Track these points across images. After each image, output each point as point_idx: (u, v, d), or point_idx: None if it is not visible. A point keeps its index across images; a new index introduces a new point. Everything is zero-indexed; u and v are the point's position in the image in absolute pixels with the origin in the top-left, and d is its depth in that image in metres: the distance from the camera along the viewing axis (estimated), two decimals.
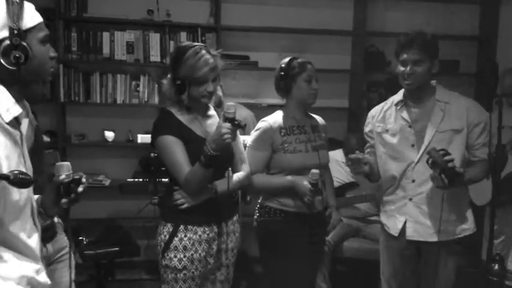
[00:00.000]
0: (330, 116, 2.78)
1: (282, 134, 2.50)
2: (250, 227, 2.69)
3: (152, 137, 2.20)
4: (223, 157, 2.10)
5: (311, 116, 2.67)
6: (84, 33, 4.12)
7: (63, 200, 1.47)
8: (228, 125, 1.99)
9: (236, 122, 2.00)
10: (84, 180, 1.50)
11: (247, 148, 2.53)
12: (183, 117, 2.20)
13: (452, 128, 2.37)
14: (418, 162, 2.40)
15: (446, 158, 2.17)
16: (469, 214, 2.49)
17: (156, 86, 4.22)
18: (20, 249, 1.30)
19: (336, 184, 3.23)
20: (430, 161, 2.23)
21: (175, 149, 2.12)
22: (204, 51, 2.14)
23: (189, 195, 2.16)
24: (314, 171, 2.34)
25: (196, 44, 2.19)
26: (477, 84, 4.79)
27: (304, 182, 2.37)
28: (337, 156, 3.86)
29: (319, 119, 2.71)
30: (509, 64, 3.48)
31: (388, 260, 2.59)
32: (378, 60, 4.59)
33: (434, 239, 2.39)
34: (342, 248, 3.67)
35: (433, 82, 2.47)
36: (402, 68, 2.38)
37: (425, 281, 2.51)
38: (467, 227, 2.46)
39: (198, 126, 2.21)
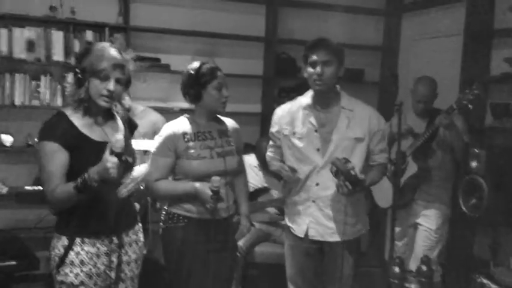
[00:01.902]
0: (243, 121, 2.77)
1: (186, 140, 2.45)
2: (160, 234, 2.61)
3: (38, 139, 2.01)
4: (106, 187, 1.98)
5: (220, 120, 2.61)
6: None
7: None
8: (114, 159, 1.87)
9: (123, 159, 1.89)
10: None
11: (151, 154, 2.49)
12: (78, 120, 2.03)
13: (356, 136, 2.48)
14: (322, 166, 2.48)
15: (349, 166, 2.28)
16: (364, 216, 2.65)
17: (59, 86, 4.00)
18: None
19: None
20: (333, 170, 2.32)
21: (54, 158, 1.95)
22: (113, 48, 2.03)
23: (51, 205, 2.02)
24: (215, 178, 2.30)
25: (106, 43, 2.09)
26: (380, 92, 5.06)
27: (206, 189, 2.33)
28: (249, 160, 3.87)
29: (229, 122, 2.65)
30: (410, 73, 3.70)
31: (293, 259, 2.67)
32: (289, 67, 4.70)
33: (334, 239, 2.51)
34: (253, 252, 3.68)
35: (338, 87, 2.56)
36: (311, 70, 2.44)
37: (327, 278, 2.61)
38: (362, 227, 2.62)
39: (96, 130, 2.07)
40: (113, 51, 2.02)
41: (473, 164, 3.02)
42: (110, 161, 1.86)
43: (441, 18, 4.35)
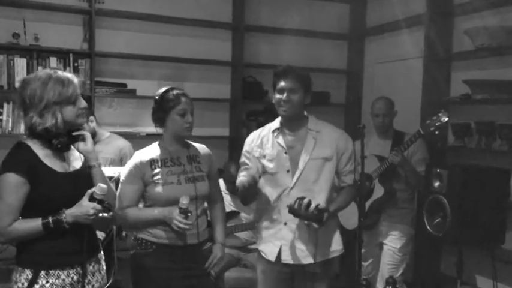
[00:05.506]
0: (211, 145, 2.76)
1: (153, 167, 2.45)
2: (127, 262, 2.56)
3: (0, 171, 1.95)
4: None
5: (190, 146, 2.61)
6: None
7: None
8: (97, 206, 1.94)
9: (106, 204, 1.96)
10: None
11: (120, 182, 2.48)
12: (40, 151, 2.00)
13: (323, 156, 2.52)
14: (292, 187, 2.49)
15: (304, 204, 2.31)
16: (338, 237, 2.63)
17: (22, 114, 3.90)
18: None
19: None
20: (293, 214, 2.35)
21: (17, 191, 1.92)
22: (60, 72, 2.02)
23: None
24: (184, 196, 2.31)
25: (45, 70, 2.05)
26: (346, 114, 5.15)
27: (173, 212, 2.33)
28: None
29: (201, 148, 2.64)
30: (374, 95, 3.78)
31: (264, 285, 2.65)
32: (255, 90, 4.75)
33: (308, 261, 2.50)
34: (223, 278, 3.63)
35: (305, 113, 2.60)
36: (279, 96, 2.50)
37: None
38: (336, 248, 2.61)
39: (57, 160, 2.04)
40: (66, 74, 2.02)
41: (436, 183, 3.07)
42: (94, 208, 1.92)
43: (402, 42, 4.47)
